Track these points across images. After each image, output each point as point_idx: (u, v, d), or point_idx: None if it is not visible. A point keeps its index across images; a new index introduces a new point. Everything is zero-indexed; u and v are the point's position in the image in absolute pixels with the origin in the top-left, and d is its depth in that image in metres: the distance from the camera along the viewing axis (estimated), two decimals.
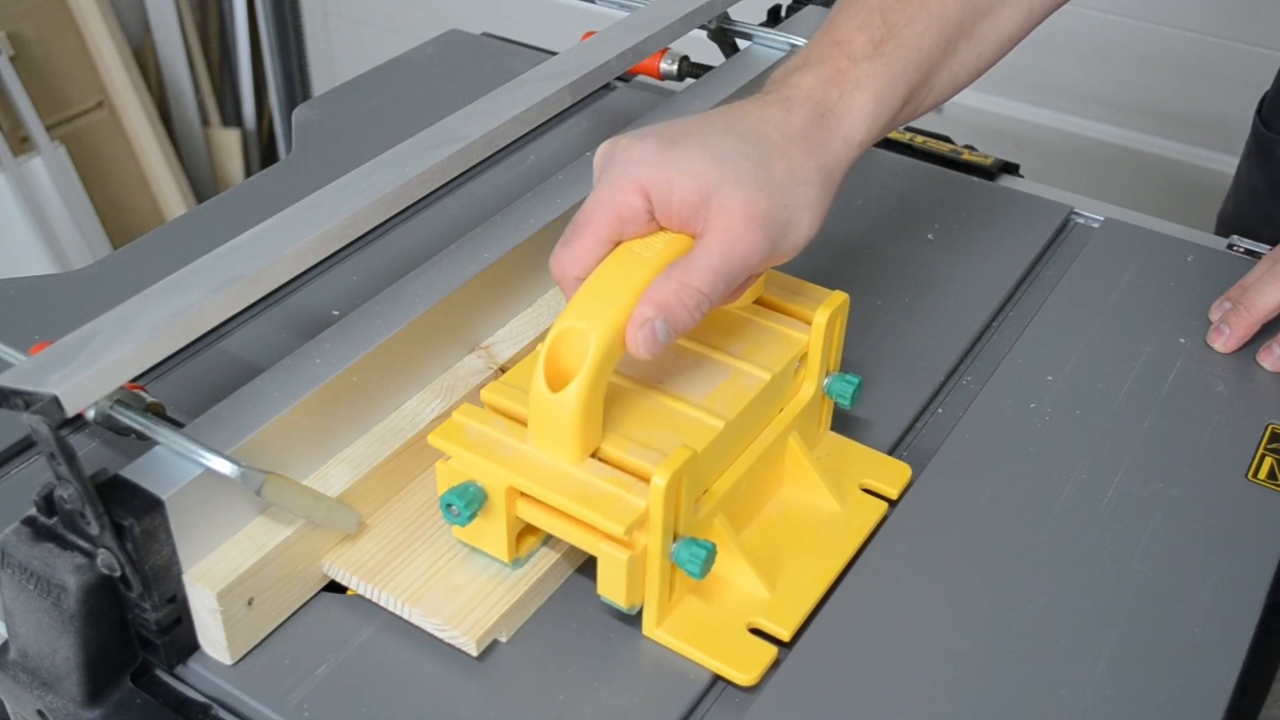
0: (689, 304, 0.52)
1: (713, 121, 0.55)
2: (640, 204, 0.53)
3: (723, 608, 0.56)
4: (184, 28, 2.14)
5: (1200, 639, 0.56)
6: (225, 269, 0.56)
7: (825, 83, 0.57)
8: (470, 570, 0.56)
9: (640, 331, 0.51)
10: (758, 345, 0.60)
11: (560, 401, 0.51)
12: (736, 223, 0.52)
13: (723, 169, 0.52)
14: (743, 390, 0.57)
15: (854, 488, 0.62)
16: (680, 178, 0.52)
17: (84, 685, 0.52)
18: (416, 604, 0.55)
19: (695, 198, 0.52)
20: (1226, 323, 0.72)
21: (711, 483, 0.56)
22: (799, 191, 0.54)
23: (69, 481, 0.49)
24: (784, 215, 0.53)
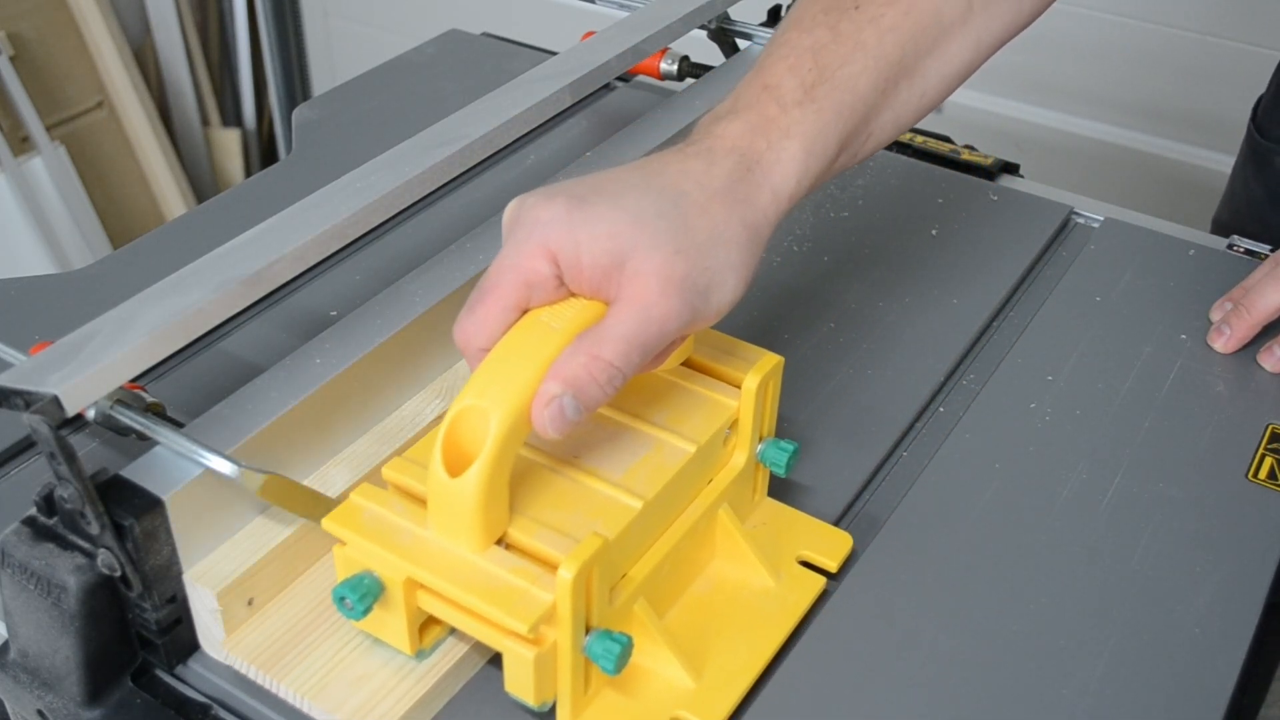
0: (600, 378, 0.47)
1: (629, 177, 0.51)
2: (547, 269, 0.48)
3: (644, 701, 0.52)
4: (184, 28, 2.14)
5: (1200, 639, 0.56)
6: (225, 269, 0.56)
7: (752, 131, 0.53)
8: (375, 660, 0.52)
9: (546, 410, 0.47)
10: (684, 413, 0.55)
11: (459, 487, 0.47)
12: (652, 288, 0.48)
13: (637, 230, 0.48)
14: (665, 464, 0.53)
15: (790, 560, 0.58)
16: (590, 240, 0.48)
17: (84, 685, 0.52)
18: (317, 698, 0.51)
19: (607, 261, 0.48)
20: (1227, 323, 0.72)
21: (630, 567, 0.52)
22: (721, 252, 0.50)
23: (69, 481, 0.49)
24: (704, 278, 0.49)
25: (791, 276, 0.78)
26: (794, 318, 0.74)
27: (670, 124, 0.77)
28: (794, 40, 0.56)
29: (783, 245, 0.80)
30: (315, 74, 2.30)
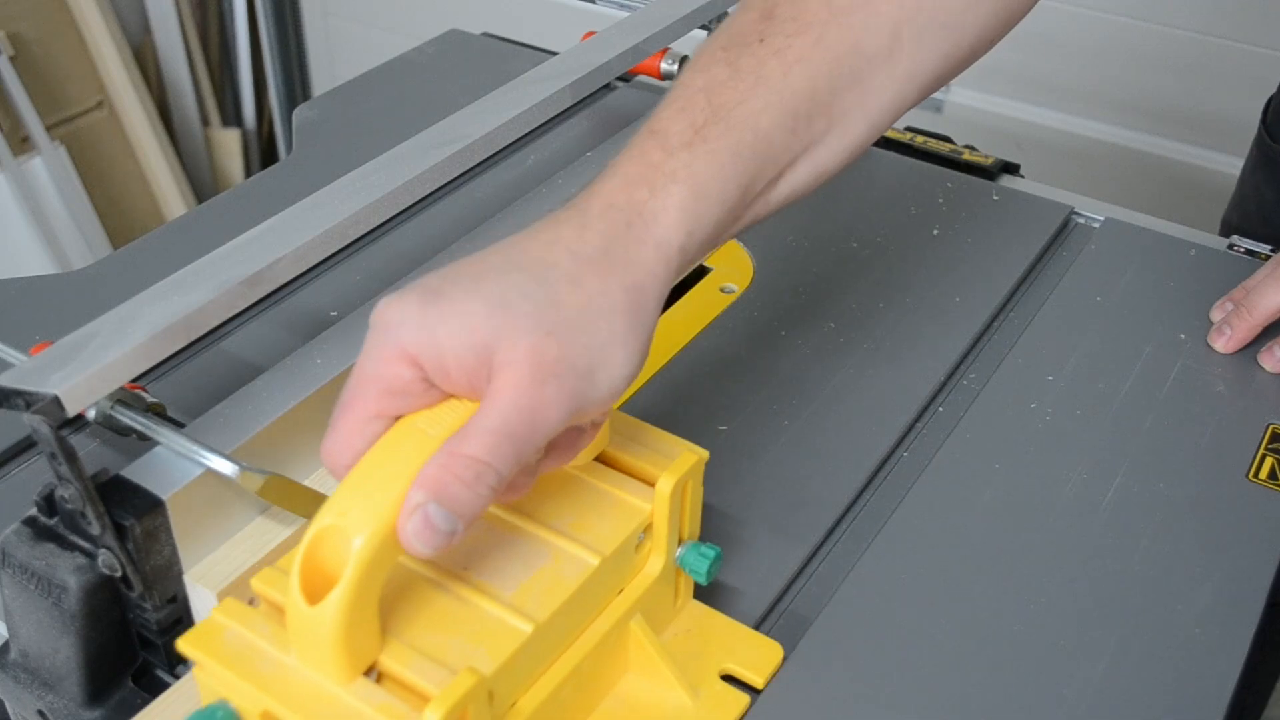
0: (466, 477, 0.42)
1: (490, 259, 0.45)
2: (409, 373, 0.43)
3: None
4: (184, 28, 2.14)
5: (1200, 639, 0.56)
6: (225, 269, 0.56)
7: (632, 183, 0.47)
8: None
9: (410, 521, 0.41)
10: (592, 516, 0.50)
11: (318, 616, 0.42)
12: (523, 376, 0.42)
13: (499, 317, 0.43)
14: (564, 578, 0.47)
15: (712, 675, 0.52)
16: (449, 337, 0.43)
17: (85, 685, 0.52)
18: None
19: (472, 357, 0.43)
20: (1228, 324, 0.72)
21: (519, 696, 0.46)
22: (602, 325, 0.44)
23: (70, 481, 0.49)
24: (584, 358, 0.43)
25: (791, 276, 0.78)
26: (794, 318, 0.74)
27: None
28: (688, 82, 0.50)
29: (785, 242, 0.80)
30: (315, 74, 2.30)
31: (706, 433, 0.66)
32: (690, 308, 0.75)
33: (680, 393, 0.69)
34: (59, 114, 1.99)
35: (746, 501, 0.62)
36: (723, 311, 0.75)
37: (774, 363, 0.71)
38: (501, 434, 0.42)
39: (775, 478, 0.64)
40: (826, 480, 0.64)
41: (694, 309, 0.75)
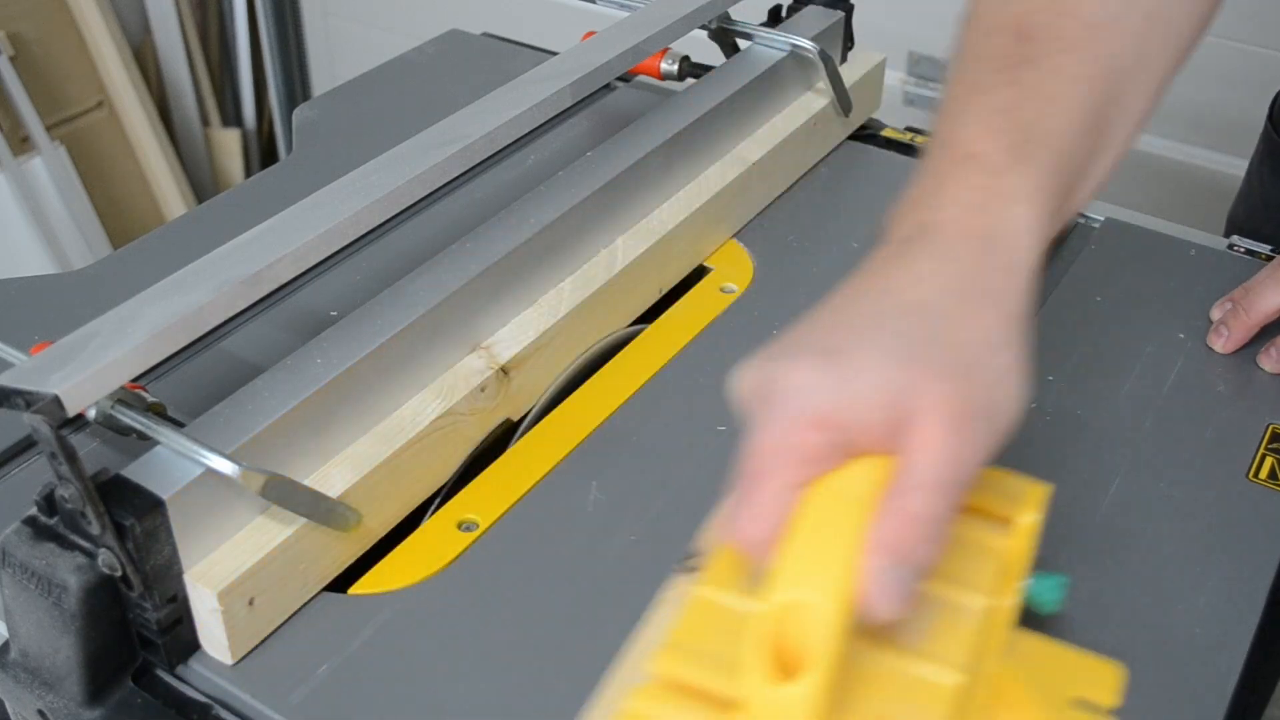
0: (923, 534, 0.41)
1: (860, 308, 0.45)
2: (821, 439, 0.42)
3: None
4: (184, 28, 2.14)
5: (1200, 639, 0.56)
6: (225, 269, 0.56)
7: (975, 209, 0.46)
8: None
9: (881, 583, 0.41)
10: (963, 560, 0.47)
11: (791, 697, 0.39)
12: (944, 426, 0.42)
13: (906, 368, 0.42)
14: (962, 625, 0.45)
15: (1062, 705, 0.48)
16: (862, 398, 0.42)
17: (85, 685, 0.52)
18: None
19: (884, 413, 0.42)
20: (1226, 324, 0.72)
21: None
22: (995, 361, 0.44)
23: (70, 481, 0.49)
24: (988, 396, 0.43)
25: (791, 276, 0.78)
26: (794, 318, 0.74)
27: (670, 124, 0.77)
28: (976, 103, 0.50)
29: (785, 242, 0.80)
30: (315, 74, 2.30)
31: (705, 435, 0.66)
32: (690, 308, 0.75)
33: (681, 393, 0.69)
34: (59, 114, 1.99)
35: None
36: (723, 311, 0.75)
37: None
38: (942, 486, 0.42)
39: None
40: None
41: (694, 309, 0.75)
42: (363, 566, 0.59)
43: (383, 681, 0.53)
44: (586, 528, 0.61)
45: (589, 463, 0.64)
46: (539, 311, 0.68)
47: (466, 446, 0.64)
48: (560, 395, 0.69)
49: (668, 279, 0.77)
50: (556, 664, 0.54)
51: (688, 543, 0.60)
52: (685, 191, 0.78)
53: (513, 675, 0.54)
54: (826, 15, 0.90)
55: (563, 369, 0.70)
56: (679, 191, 0.78)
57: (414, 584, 0.58)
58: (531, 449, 0.65)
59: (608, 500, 0.62)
